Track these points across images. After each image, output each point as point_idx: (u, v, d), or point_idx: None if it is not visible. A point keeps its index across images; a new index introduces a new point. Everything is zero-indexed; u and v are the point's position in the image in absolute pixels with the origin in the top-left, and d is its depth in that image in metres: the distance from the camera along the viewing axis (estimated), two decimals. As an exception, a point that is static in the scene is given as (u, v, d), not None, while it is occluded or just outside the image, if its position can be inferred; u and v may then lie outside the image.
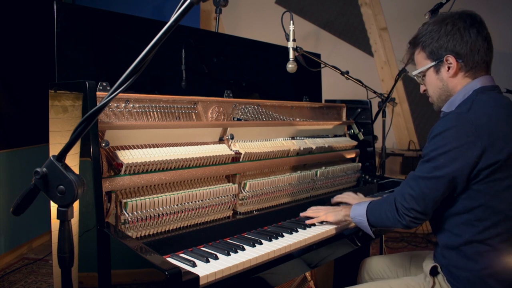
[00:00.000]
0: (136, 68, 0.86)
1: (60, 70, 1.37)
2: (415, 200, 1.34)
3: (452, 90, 1.42)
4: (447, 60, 1.38)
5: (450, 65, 1.39)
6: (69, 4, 1.88)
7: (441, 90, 1.44)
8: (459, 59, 1.37)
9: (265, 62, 2.14)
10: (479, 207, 1.30)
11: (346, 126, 2.41)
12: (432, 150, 1.31)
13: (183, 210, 1.43)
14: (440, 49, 1.39)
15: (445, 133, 1.29)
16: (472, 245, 1.32)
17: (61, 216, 0.90)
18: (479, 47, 1.35)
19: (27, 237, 3.65)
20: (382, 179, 2.32)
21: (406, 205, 1.35)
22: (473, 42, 1.35)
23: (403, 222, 1.38)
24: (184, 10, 0.83)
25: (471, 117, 1.28)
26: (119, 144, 1.35)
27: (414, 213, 1.35)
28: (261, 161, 1.75)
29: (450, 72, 1.39)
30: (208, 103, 1.66)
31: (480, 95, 1.35)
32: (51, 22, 1.36)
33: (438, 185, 1.30)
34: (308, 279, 2.21)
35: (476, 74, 1.39)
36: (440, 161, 1.29)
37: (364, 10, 4.27)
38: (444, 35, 1.38)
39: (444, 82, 1.42)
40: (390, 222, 1.43)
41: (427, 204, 1.33)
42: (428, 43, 1.42)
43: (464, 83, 1.40)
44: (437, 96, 1.47)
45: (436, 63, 1.41)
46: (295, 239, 1.48)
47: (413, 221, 1.36)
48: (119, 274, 1.17)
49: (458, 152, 1.26)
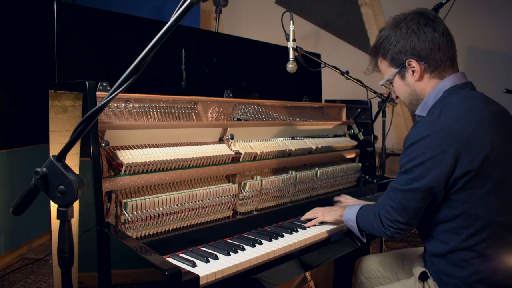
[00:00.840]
0: (136, 68, 0.86)
1: (60, 70, 1.37)
2: (396, 212, 1.33)
3: (421, 94, 1.39)
4: (410, 64, 1.35)
5: (414, 69, 1.35)
6: (69, 4, 1.88)
7: (411, 95, 1.41)
8: (421, 61, 1.33)
9: (265, 62, 2.14)
10: (461, 215, 1.27)
11: (346, 126, 2.41)
12: (408, 162, 1.29)
13: (183, 210, 1.43)
14: (400, 54, 1.35)
15: (418, 143, 1.26)
16: (458, 252, 1.30)
17: (61, 216, 0.90)
18: (438, 44, 1.31)
19: (27, 237, 3.65)
20: (382, 179, 2.32)
21: (389, 216, 1.35)
22: (431, 40, 1.31)
23: (387, 233, 1.38)
24: (184, 10, 0.83)
25: (442, 125, 1.24)
26: (119, 144, 1.35)
27: (397, 225, 1.34)
28: (261, 161, 1.75)
29: (415, 76, 1.36)
30: (208, 103, 1.66)
31: (451, 96, 1.31)
32: (51, 22, 1.36)
33: (416, 196, 1.28)
34: (308, 279, 2.21)
35: (442, 72, 1.35)
36: (415, 173, 1.26)
37: (364, 10, 4.27)
38: (401, 39, 1.34)
39: (411, 87, 1.40)
40: (376, 232, 1.44)
41: (409, 215, 1.32)
42: (387, 50, 1.38)
43: (432, 85, 1.36)
44: (409, 101, 1.44)
45: (400, 69, 1.38)
46: (295, 239, 1.48)
47: (397, 232, 1.36)
48: (119, 274, 1.17)
49: (432, 162, 1.23)
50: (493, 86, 3.27)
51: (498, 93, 1.86)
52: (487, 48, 3.91)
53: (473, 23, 3.84)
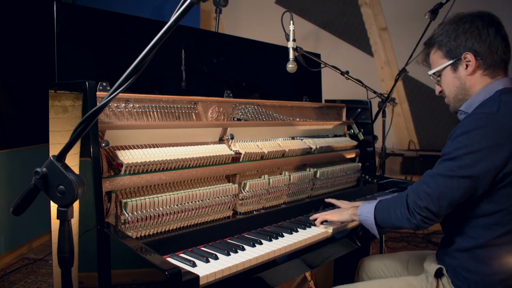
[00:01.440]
0: (136, 68, 0.86)
1: (60, 70, 1.37)
2: (430, 198, 1.27)
3: (470, 89, 1.38)
4: (465, 57, 1.35)
5: (469, 63, 1.35)
6: (69, 4, 1.88)
7: (458, 89, 1.40)
8: (478, 56, 1.34)
9: (265, 62, 2.14)
10: (500, 212, 1.26)
11: (346, 126, 2.41)
12: (457, 149, 1.25)
13: (183, 210, 1.43)
14: (458, 47, 1.36)
15: (473, 132, 1.24)
16: (487, 248, 1.29)
17: (61, 216, 0.90)
18: (497, 46, 1.33)
19: (27, 237, 3.65)
20: (382, 179, 2.32)
21: (420, 203, 1.28)
22: (492, 40, 1.32)
23: (413, 221, 1.31)
24: (184, 10, 0.83)
25: (501, 119, 1.24)
26: (119, 144, 1.35)
27: (426, 213, 1.28)
28: (261, 161, 1.75)
29: (469, 70, 1.36)
30: (208, 103, 1.66)
31: (505, 96, 1.30)
32: (51, 22, 1.36)
33: (459, 185, 1.24)
34: (308, 279, 2.21)
35: (494, 73, 1.36)
36: (465, 160, 1.23)
37: (364, 10, 4.27)
38: (462, 34, 1.35)
39: (461, 81, 1.39)
40: (398, 221, 1.36)
41: (442, 205, 1.26)
42: (445, 42, 1.39)
43: (482, 83, 1.36)
44: (454, 96, 1.43)
45: (454, 61, 1.38)
46: (295, 239, 1.48)
47: (424, 221, 1.30)
48: (119, 274, 1.17)
49: (486, 153, 1.22)
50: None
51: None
52: (487, 48, 3.90)
53: (473, 23, 3.83)
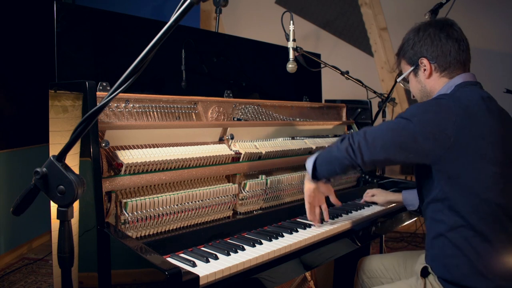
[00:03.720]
0: (136, 68, 0.86)
1: (60, 70, 1.37)
2: (366, 135, 1.36)
3: (431, 91, 1.50)
4: (421, 62, 1.48)
5: (425, 67, 1.48)
6: (69, 4, 1.88)
7: (421, 92, 1.54)
8: (432, 61, 1.46)
9: (265, 62, 2.14)
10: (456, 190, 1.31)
11: (346, 126, 2.41)
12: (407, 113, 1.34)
13: (183, 210, 1.43)
14: (416, 54, 1.49)
15: (425, 103, 1.37)
16: (457, 229, 1.33)
17: (61, 216, 0.90)
18: (449, 48, 1.44)
19: (27, 237, 3.65)
20: (382, 179, 2.32)
21: (356, 137, 1.38)
22: (443, 45, 1.44)
23: (344, 144, 1.39)
24: (184, 10, 0.83)
25: (454, 98, 1.35)
26: (119, 144, 1.35)
27: (356, 144, 1.36)
28: (261, 161, 1.75)
29: (426, 74, 1.49)
30: (208, 103, 1.66)
31: (462, 88, 1.41)
32: (51, 22, 1.36)
33: (398, 126, 1.33)
34: (308, 279, 2.21)
35: (452, 73, 1.46)
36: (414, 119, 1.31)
37: (364, 10, 4.27)
38: (418, 42, 1.48)
39: (422, 84, 1.52)
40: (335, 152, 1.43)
41: (376, 143, 1.34)
42: (406, 51, 1.53)
43: (441, 83, 1.47)
44: (420, 98, 1.56)
45: (414, 68, 1.52)
46: (295, 239, 1.48)
47: (351, 150, 1.37)
48: (119, 274, 1.17)
49: (436, 117, 1.30)
50: (493, 86, 3.26)
51: (498, 93, 1.86)
52: (487, 48, 3.90)
53: (473, 23, 3.83)
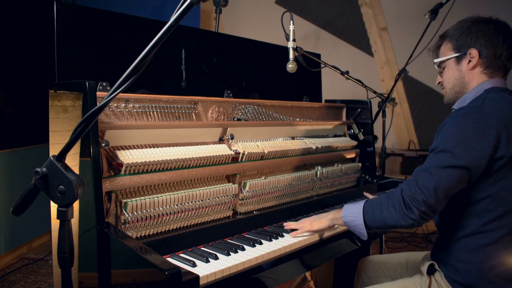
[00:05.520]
0: (136, 68, 0.86)
1: (60, 70, 1.37)
2: (427, 191, 1.25)
3: (467, 84, 1.46)
4: (470, 53, 1.43)
5: (472, 58, 1.43)
6: (69, 4, 1.87)
7: (457, 81, 1.48)
8: (482, 56, 1.42)
9: (265, 62, 2.14)
10: (487, 198, 1.30)
11: (346, 126, 2.41)
12: (446, 141, 1.28)
13: (183, 210, 1.43)
14: (467, 43, 1.44)
15: (459, 123, 1.30)
16: (476, 236, 1.32)
17: (61, 216, 0.90)
18: (503, 51, 1.40)
19: (27, 237, 3.65)
20: (382, 179, 2.32)
21: (418, 196, 1.25)
22: (499, 46, 1.40)
23: (411, 216, 1.26)
24: (184, 10, 0.83)
25: (485, 110, 1.30)
26: (119, 144, 1.35)
27: (425, 207, 1.25)
28: (261, 161, 1.75)
29: (470, 65, 1.43)
30: (208, 103, 1.66)
31: (491, 93, 1.38)
32: (51, 22, 1.36)
33: (454, 175, 1.25)
34: (308, 279, 2.21)
35: (493, 74, 1.43)
36: (456, 150, 1.26)
37: (364, 10, 4.27)
38: (474, 32, 1.43)
39: (461, 73, 1.46)
40: (393, 219, 1.30)
41: (439, 197, 1.25)
42: (456, 37, 1.47)
43: (479, 80, 1.44)
44: (451, 87, 1.50)
45: (459, 55, 1.46)
46: (295, 239, 1.48)
47: (422, 216, 1.26)
48: (119, 274, 1.17)
49: (475, 141, 1.26)
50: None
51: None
52: (487, 48, 3.90)
53: (473, 23, 3.83)
